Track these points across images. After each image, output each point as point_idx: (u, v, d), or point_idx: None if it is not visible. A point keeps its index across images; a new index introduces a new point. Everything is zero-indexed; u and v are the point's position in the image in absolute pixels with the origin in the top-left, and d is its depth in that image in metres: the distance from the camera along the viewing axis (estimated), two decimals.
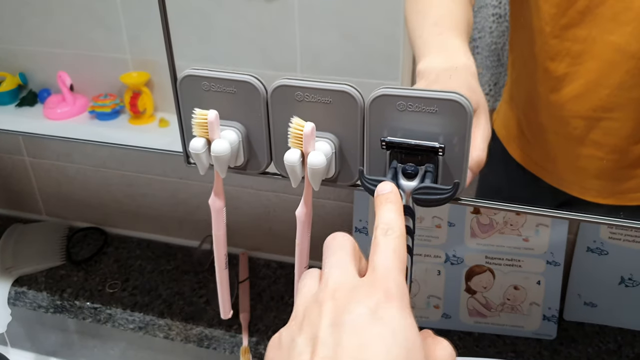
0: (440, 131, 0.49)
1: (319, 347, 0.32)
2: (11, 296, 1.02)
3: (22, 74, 1.00)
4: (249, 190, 1.02)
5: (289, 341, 0.35)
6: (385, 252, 0.37)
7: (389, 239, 0.38)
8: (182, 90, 0.55)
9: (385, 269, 0.36)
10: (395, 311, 0.33)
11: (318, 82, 0.51)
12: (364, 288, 0.35)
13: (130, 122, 0.96)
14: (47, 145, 1.11)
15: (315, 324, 0.34)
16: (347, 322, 0.33)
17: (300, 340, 0.34)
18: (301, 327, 0.35)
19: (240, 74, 0.53)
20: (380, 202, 0.43)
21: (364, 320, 0.33)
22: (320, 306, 0.35)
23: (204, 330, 0.93)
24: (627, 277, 0.87)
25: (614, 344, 0.88)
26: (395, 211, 0.41)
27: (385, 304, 0.33)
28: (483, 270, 0.89)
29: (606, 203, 0.68)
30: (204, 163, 0.54)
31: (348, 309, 0.34)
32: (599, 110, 0.61)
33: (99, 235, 1.16)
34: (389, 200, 0.42)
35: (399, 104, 0.49)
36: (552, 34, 0.61)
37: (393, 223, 0.40)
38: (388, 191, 0.43)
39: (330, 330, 0.33)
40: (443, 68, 0.53)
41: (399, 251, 0.37)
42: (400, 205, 0.42)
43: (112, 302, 0.99)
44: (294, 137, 0.51)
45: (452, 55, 0.54)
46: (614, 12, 0.57)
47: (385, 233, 0.39)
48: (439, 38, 0.56)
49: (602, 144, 0.64)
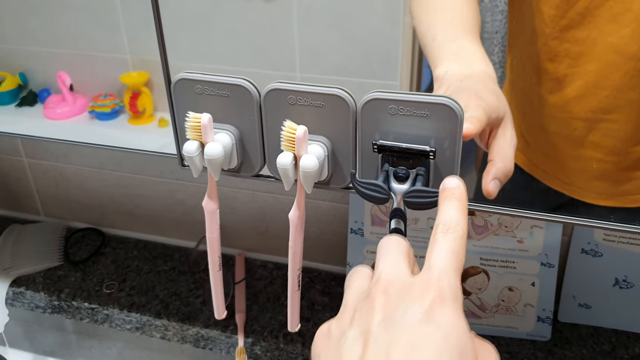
0: (431, 135, 0.49)
1: (371, 342, 0.32)
2: (9, 296, 1.03)
3: (22, 74, 1.00)
4: (245, 192, 1.03)
5: (339, 334, 0.35)
6: (443, 251, 0.36)
7: (448, 238, 0.37)
8: (176, 93, 0.56)
9: (441, 269, 0.35)
10: (449, 313, 0.33)
11: (310, 85, 0.51)
12: (418, 287, 0.34)
13: (130, 122, 0.96)
14: (45, 146, 1.12)
15: (366, 318, 0.34)
16: (400, 320, 0.33)
17: (351, 334, 0.34)
18: (352, 320, 0.35)
19: (234, 77, 0.53)
20: (444, 197, 0.41)
21: (417, 320, 0.32)
22: (372, 301, 0.34)
23: (200, 331, 0.94)
24: (621, 279, 0.87)
25: (608, 345, 0.89)
26: (459, 209, 0.39)
27: (439, 305, 0.33)
28: (478, 272, 0.90)
29: (606, 205, 0.68)
30: (197, 166, 0.55)
31: (401, 306, 0.33)
32: (598, 111, 0.61)
33: (96, 235, 1.16)
34: (454, 196, 0.40)
35: (390, 107, 0.49)
36: (552, 36, 0.61)
37: (455, 222, 0.38)
38: (454, 186, 0.41)
39: (382, 326, 0.33)
40: (465, 75, 0.52)
41: (457, 252, 0.36)
42: (466, 204, 0.40)
43: (110, 302, 0.99)
44: (286, 140, 0.52)
45: (470, 60, 0.54)
46: (613, 14, 0.57)
47: (445, 232, 0.37)
48: (454, 43, 0.55)
49: (602, 145, 0.64)
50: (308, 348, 0.89)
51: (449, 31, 0.57)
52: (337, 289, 1.00)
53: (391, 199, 0.50)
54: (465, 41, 0.56)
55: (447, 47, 0.55)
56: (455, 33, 0.57)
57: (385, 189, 0.49)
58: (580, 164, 0.67)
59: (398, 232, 0.52)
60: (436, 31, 0.57)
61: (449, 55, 0.55)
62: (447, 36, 0.56)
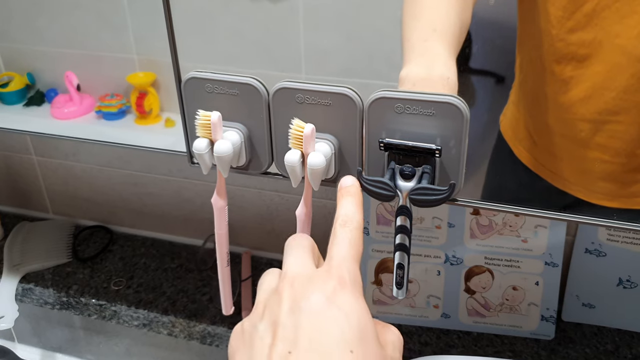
0: (437, 133, 0.50)
1: (279, 330, 0.35)
2: (18, 292, 1.04)
3: (30, 74, 1.02)
4: (252, 190, 1.04)
5: (250, 328, 0.37)
6: (342, 242, 0.40)
7: (346, 230, 0.41)
8: (186, 92, 0.57)
9: (340, 258, 0.39)
10: (348, 297, 0.36)
11: (318, 84, 0.52)
12: (320, 276, 0.38)
13: (136, 122, 0.97)
14: (55, 145, 1.13)
15: (275, 310, 0.36)
16: (305, 307, 0.35)
17: (262, 326, 0.36)
18: (262, 315, 0.37)
19: (243, 76, 0.54)
20: (341, 194, 0.45)
21: (320, 305, 0.35)
22: (280, 295, 0.37)
23: (207, 328, 0.95)
24: (625, 279, 0.88)
25: (611, 344, 0.89)
26: (354, 204, 0.44)
27: (340, 290, 0.36)
28: (482, 271, 0.90)
29: (611, 206, 0.68)
30: (207, 163, 0.56)
31: (305, 295, 0.36)
32: (605, 113, 0.62)
33: (104, 233, 1.17)
34: (349, 193, 0.45)
35: (397, 106, 0.50)
36: (559, 37, 0.61)
37: (352, 215, 0.42)
38: (349, 184, 0.46)
39: (289, 314, 0.35)
40: (421, 77, 0.52)
41: (354, 242, 0.40)
42: (360, 199, 0.44)
43: (117, 299, 1.01)
44: (294, 138, 0.53)
45: (431, 64, 0.54)
46: (620, 16, 0.57)
47: (344, 225, 0.41)
48: (423, 45, 0.55)
49: (608, 147, 0.64)
50: None
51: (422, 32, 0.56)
52: None
53: (397, 196, 0.51)
54: (435, 43, 0.55)
55: (416, 49, 0.55)
56: (428, 34, 0.56)
57: (392, 186, 0.50)
58: (586, 165, 0.67)
59: (403, 230, 0.53)
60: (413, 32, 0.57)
61: (415, 56, 0.55)
62: (420, 37, 0.56)
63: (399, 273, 0.55)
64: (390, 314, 0.94)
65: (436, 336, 0.92)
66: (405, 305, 0.94)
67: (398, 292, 0.56)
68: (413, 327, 0.93)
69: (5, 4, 0.97)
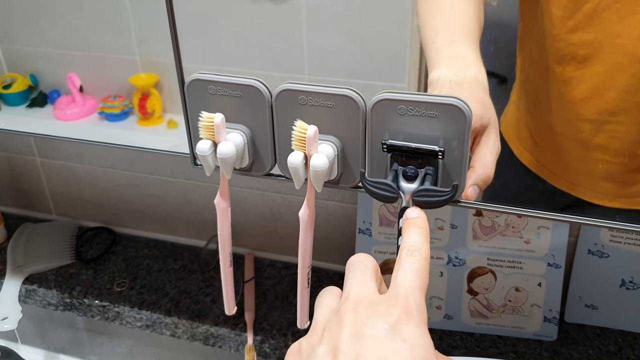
0: (440, 135, 0.50)
1: (340, 357, 0.33)
2: (22, 294, 1.04)
3: (32, 76, 1.02)
4: (255, 192, 1.04)
5: (309, 350, 0.36)
6: (408, 271, 0.38)
7: (413, 259, 0.39)
8: (190, 94, 0.57)
9: (407, 287, 0.37)
10: (414, 328, 0.34)
11: (321, 86, 0.52)
12: (385, 304, 0.36)
13: (139, 124, 0.97)
14: (58, 146, 1.13)
15: (335, 335, 0.35)
16: (367, 335, 0.34)
17: (321, 350, 0.35)
18: (322, 337, 0.36)
19: (246, 78, 0.55)
20: (408, 225, 0.44)
21: (384, 335, 0.34)
22: (341, 318, 0.36)
23: (209, 329, 0.95)
24: (627, 280, 0.88)
25: (614, 346, 0.89)
26: (421, 235, 0.42)
27: (405, 320, 0.34)
28: (485, 272, 0.90)
29: (613, 206, 0.69)
30: (210, 165, 0.56)
31: (368, 322, 0.35)
32: (605, 113, 0.62)
33: (107, 234, 1.18)
34: (416, 224, 0.44)
35: (399, 108, 0.50)
36: (560, 37, 0.61)
37: (419, 246, 0.41)
38: (416, 216, 0.45)
39: (351, 341, 0.34)
40: (455, 81, 0.53)
41: (421, 272, 0.38)
42: (427, 231, 0.43)
43: (120, 300, 1.01)
44: (297, 140, 0.53)
45: (463, 66, 0.54)
46: (620, 16, 0.57)
47: (410, 254, 0.40)
48: (450, 47, 0.56)
49: (609, 147, 0.64)
50: None
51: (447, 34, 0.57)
52: None
53: (400, 198, 0.51)
54: (462, 46, 0.56)
55: (443, 51, 0.56)
56: (453, 36, 0.57)
57: (395, 188, 0.50)
58: (587, 165, 0.67)
59: None
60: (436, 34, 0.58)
61: (444, 59, 0.55)
62: (445, 39, 0.57)
63: None
64: None
65: (439, 337, 0.92)
66: None
67: None
68: None
69: (8, 5, 0.97)
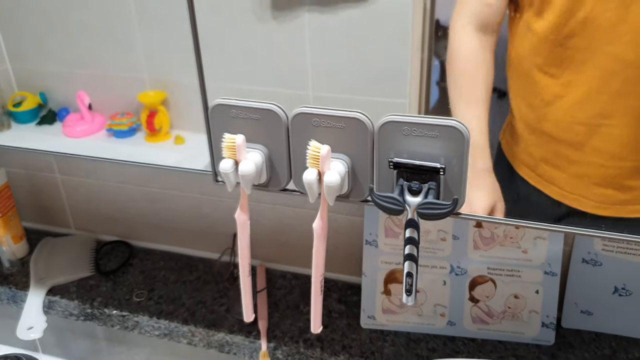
0: (441, 153, 0.56)
1: None
2: (45, 304, 1.09)
3: (42, 94, 1.03)
4: (267, 205, 1.08)
5: None
6: None
7: None
8: (213, 117, 0.63)
9: None
10: None
11: (333, 109, 0.58)
12: None
13: (147, 140, 0.97)
14: (76, 163, 1.18)
15: None
16: None
17: None
18: None
19: (264, 102, 0.60)
20: None
21: None
22: None
23: (225, 337, 0.99)
24: (620, 287, 0.92)
25: (609, 349, 0.93)
26: None
27: None
28: (485, 281, 0.95)
29: (606, 215, 0.71)
30: (232, 181, 0.61)
31: None
32: (599, 117, 0.64)
33: (125, 247, 1.22)
34: None
35: (404, 129, 0.56)
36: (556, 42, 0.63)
37: None
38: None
39: None
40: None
41: None
42: None
43: (139, 310, 1.06)
44: (311, 158, 0.58)
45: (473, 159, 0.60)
46: (610, 24, 0.60)
47: None
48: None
49: (603, 150, 0.66)
50: (327, 352, 0.95)
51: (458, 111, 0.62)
52: (352, 297, 1.06)
53: (406, 210, 0.56)
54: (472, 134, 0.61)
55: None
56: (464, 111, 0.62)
57: (401, 201, 0.56)
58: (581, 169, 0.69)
59: (412, 242, 0.58)
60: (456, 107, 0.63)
61: None
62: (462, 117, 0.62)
63: (408, 281, 0.60)
64: (399, 322, 0.99)
65: (443, 343, 0.96)
66: (413, 313, 0.98)
67: (407, 298, 0.61)
68: (421, 334, 0.98)
69: (19, 25, 0.98)
